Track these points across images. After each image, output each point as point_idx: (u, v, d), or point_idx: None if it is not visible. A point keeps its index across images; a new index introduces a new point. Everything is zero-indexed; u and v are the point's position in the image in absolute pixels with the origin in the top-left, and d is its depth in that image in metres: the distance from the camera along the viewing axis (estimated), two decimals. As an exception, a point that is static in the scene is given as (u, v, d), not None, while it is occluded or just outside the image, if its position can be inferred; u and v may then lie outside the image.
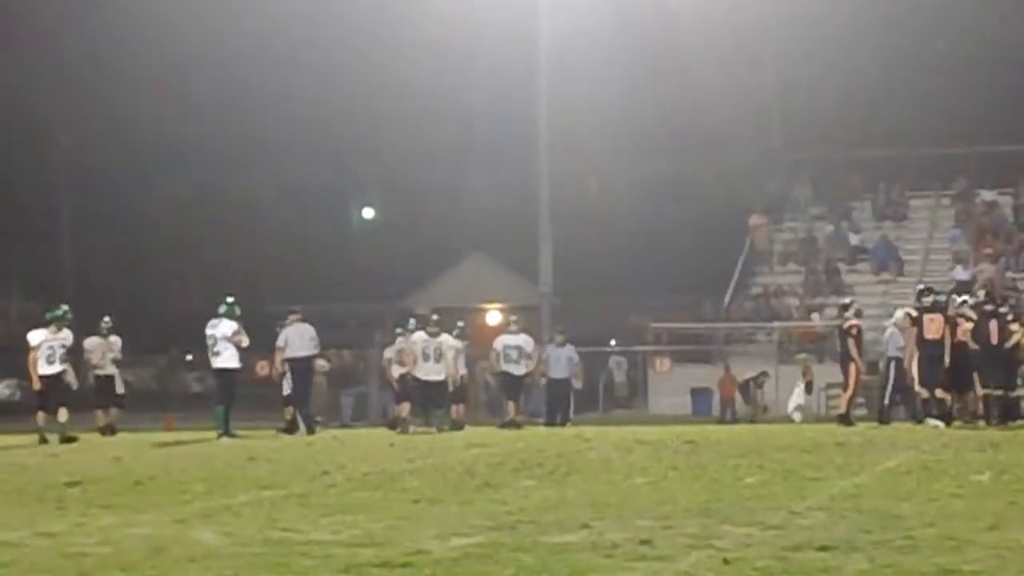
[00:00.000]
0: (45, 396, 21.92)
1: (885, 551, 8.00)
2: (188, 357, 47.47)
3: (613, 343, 41.09)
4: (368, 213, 57.86)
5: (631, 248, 48.10)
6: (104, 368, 24.43)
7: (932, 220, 41.64)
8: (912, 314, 22.71)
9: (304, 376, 23.62)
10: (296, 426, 23.21)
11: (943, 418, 21.70)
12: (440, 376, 24.07)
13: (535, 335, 28.49)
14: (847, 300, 25.88)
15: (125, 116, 48.92)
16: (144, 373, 45.25)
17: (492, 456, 16.17)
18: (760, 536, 8.68)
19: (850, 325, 23.41)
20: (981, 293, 23.81)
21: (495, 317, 45.69)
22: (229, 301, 22.80)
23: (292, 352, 23.42)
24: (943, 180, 42.42)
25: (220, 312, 22.73)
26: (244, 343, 22.59)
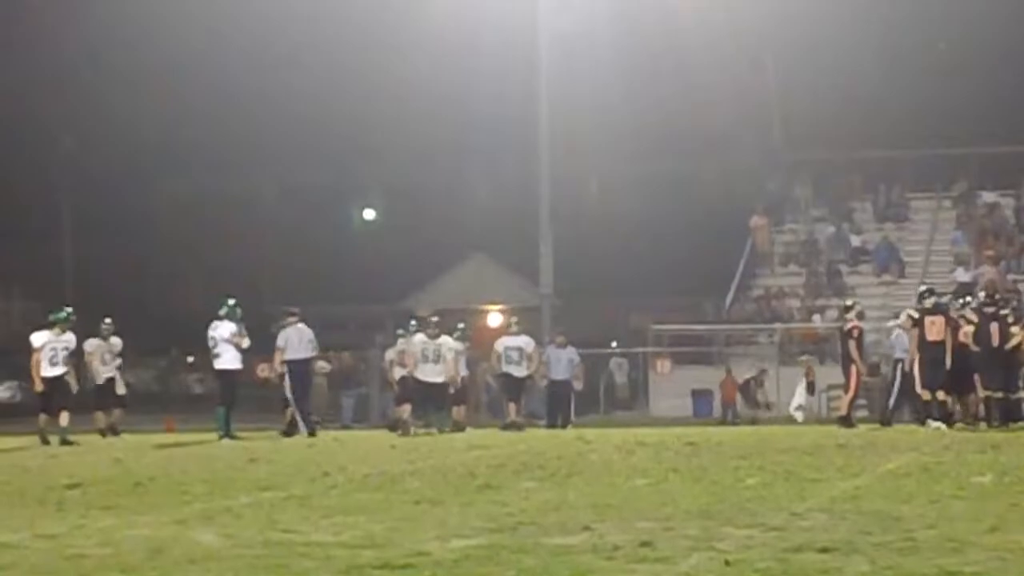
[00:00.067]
0: (47, 398, 21.86)
1: (886, 553, 8.00)
2: (189, 359, 47.48)
3: (614, 344, 41.03)
4: (369, 214, 57.85)
5: (632, 249, 48.09)
6: (105, 373, 24.36)
7: (933, 222, 41.62)
8: (914, 316, 22.69)
9: (302, 378, 23.60)
10: (296, 428, 23.20)
11: (944, 420, 21.70)
12: (440, 378, 24.03)
13: (536, 336, 28.44)
14: (849, 302, 25.86)
15: (125, 117, 48.89)
16: (145, 374, 45.29)
17: (493, 458, 16.17)
18: (761, 538, 8.68)
19: (851, 327, 23.37)
20: (982, 295, 23.77)
21: (496, 318, 45.65)
22: (230, 303, 22.83)
23: (291, 354, 23.41)
24: (944, 181, 42.40)
25: (221, 314, 22.76)
26: (244, 344, 22.59)
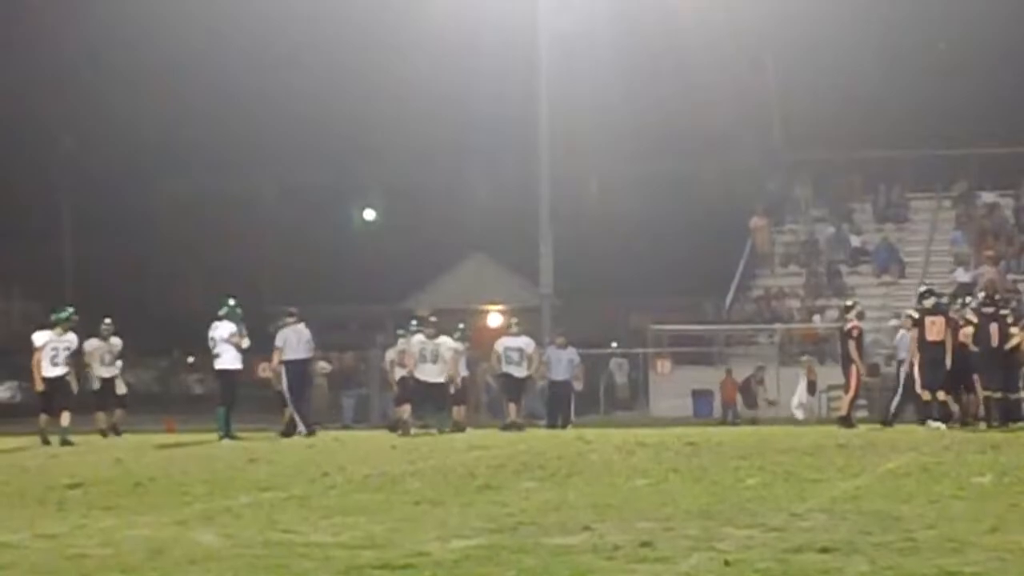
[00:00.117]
0: (48, 398, 21.85)
1: (886, 553, 8.01)
2: (190, 359, 47.46)
3: (614, 345, 41.01)
4: (369, 214, 57.85)
5: (632, 249, 48.08)
6: (104, 373, 24.35)
7: (933, 222, 41.59)
8: (914, 316, 22.69)
9: (299, 378, 23.60)
10: (294, 427, 23.18)
11: (945, 420, 21.71)
12: (438, 378, 24.01)
13: (536, 337, 28.45)
14: (849, 302, 25.84)
15: (125, 117, 48.88)
16: (145, 375, 45.27)
17: (493, 458, 16.17)
18: (761, 538, 8.68)
19: (851, 327, 23.36)
20: (981, 295, 23.76)
21: (496, 319, 45.64)
22: (230, 303, 22.84)
23: (289, 354, 23.41)
24: (944, 182, 42.37)
25: (221, 314, 22.77)
26: (243, 344, 22.60)
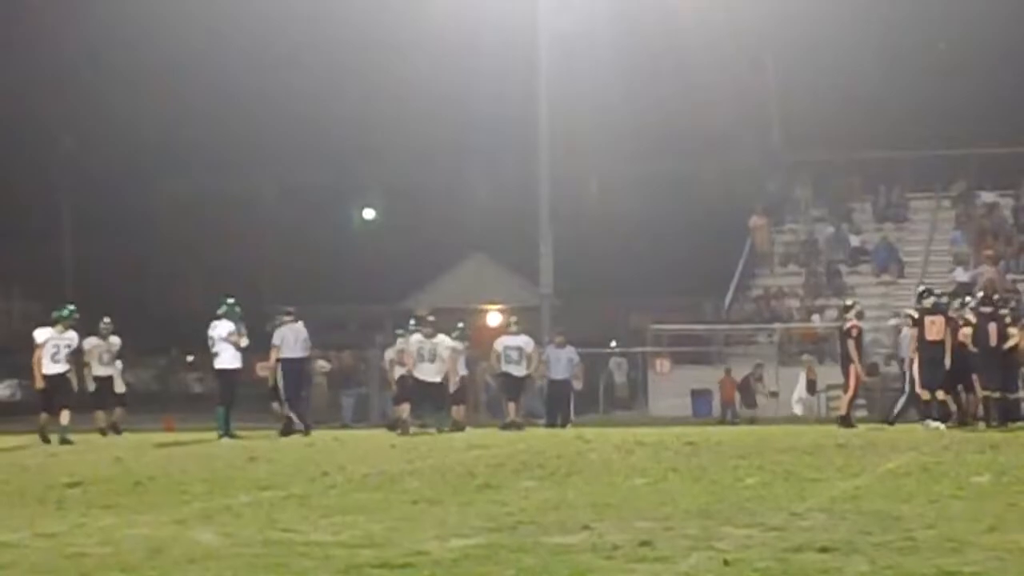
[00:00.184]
0: (48, 396, 21.82)
1: (885, 553, 8.01)
2: (189, 358, 47.48)
3: (613, 344, 41.02)
4: (368, 214, 57.86)
5: (631, 249, 48.08)
6: (102, 372, 24.34)
7: (932, 222, 41.59)
8: (913, 316, 22.70)
9: (296, 377, 23.59)
10: (292, 426, 23.17)
11: (944, 420, 21.71)
12: (437, 377, 24.00)
13: (536, 336, 28.46)
14: (848, 302, 25.82)
15: (125, 117, 48.88)
16: (144, 374, 45.26)
17: (493, 457, 16.17)
18: (760, 537, 8.69)
19: (851, 326, 23.35)
20: (980, 295, 23.76)
21: (495, 318, 45.64)
22: (229, 302, 22.85)
23: (286, 353, 23.41)
24: (943, 182, 42.37)
25: (219, 313, 22.78)
26: (242, 343, 22.60)
